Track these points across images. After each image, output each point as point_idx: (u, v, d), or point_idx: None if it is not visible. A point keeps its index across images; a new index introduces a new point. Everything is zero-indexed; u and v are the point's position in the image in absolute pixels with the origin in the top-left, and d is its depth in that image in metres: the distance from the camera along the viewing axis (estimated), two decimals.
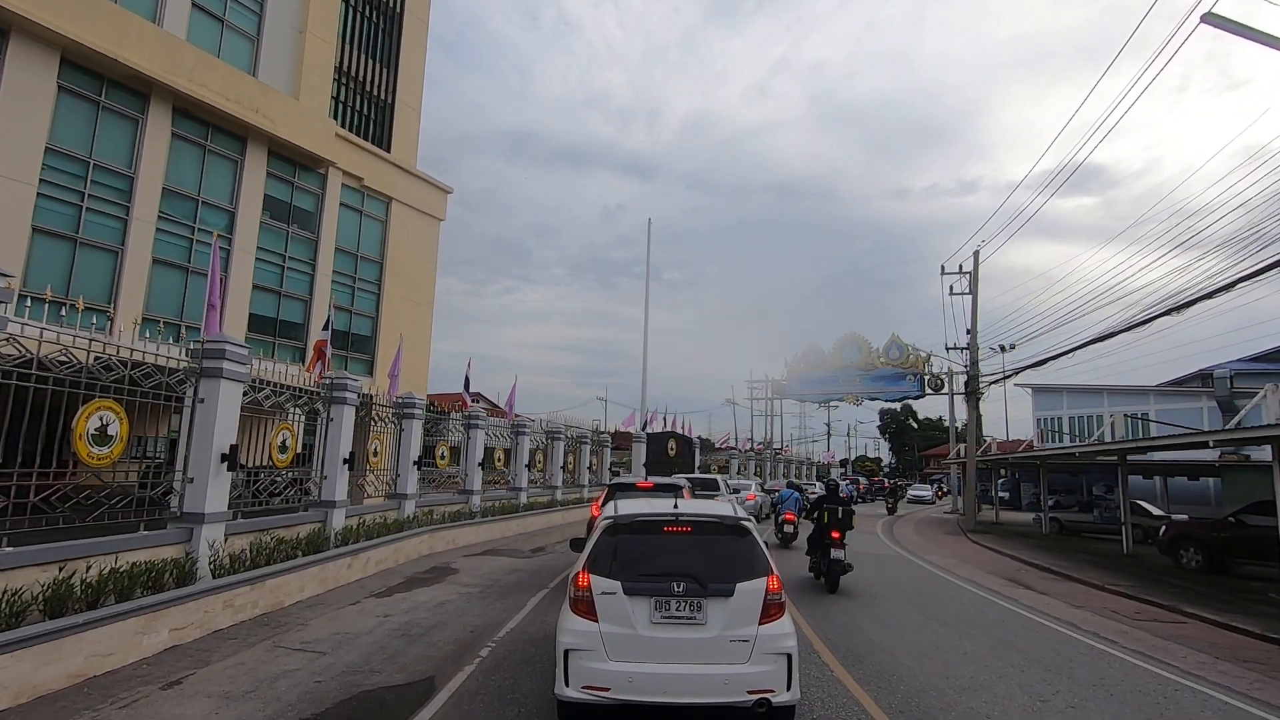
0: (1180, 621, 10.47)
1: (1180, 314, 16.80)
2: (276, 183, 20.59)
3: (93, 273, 16.26)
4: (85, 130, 16.28)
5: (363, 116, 24.58)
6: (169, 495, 7.84)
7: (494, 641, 7.60)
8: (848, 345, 50.07)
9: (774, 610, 4.98)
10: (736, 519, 5.55)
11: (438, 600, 9.69)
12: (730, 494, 19.66)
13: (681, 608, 4.87)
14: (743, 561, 5.19)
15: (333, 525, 10.92)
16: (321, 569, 9.82)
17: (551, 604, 9.60)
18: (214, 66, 18.50)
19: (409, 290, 24.96)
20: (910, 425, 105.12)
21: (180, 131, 18.12)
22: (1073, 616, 10.54)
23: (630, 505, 6.02)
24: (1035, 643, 8.59)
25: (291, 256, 20.99)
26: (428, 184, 26.16)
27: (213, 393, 8.04)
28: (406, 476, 13.91)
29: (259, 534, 9.10)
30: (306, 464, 11.18)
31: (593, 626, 4.84)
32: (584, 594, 4.96)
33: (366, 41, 24.70)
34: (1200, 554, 15.82)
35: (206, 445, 7.97)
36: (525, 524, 19.03)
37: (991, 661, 7.53)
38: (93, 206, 16.23)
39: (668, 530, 5.38)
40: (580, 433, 25.97)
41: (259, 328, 19.88)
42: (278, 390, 9.70)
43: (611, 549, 5.23)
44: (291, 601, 9.01)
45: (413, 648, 7.25)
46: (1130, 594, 12.50)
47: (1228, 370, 33.16)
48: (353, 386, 11.49)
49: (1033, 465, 30.20)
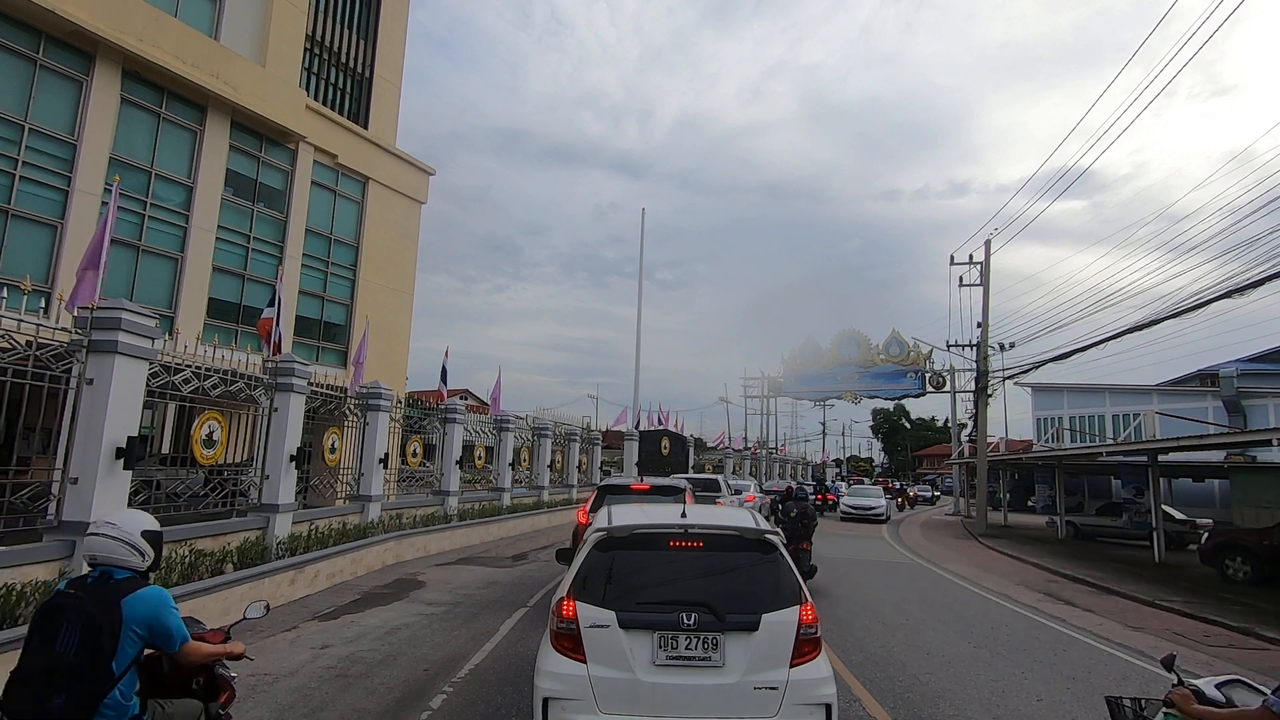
0: (1264, 648, 9.03)
1: (1195, 313, 15.95)
2: (240, 157, 18.93)
3: (29, 249, 14.60)
4: (20, 91, 14.60)
5: (338, 90, 22.94)
6: (44, 500, 6.25)
7: (452, 685, 6.05)
8: (846, 341, 48.77)
9: (808, 648, 3.94)
10: (760, 532, 4.31)
11: (392, 624, 8.13)
12: (732, 495, 18.20)
13: (693, 645, 3.85)
14: (768, 586, 4.09)
15: (275, 533, 9.34)
16: (254, 586, 8.24)
17: (531, 627, 8.07)
18: (170, 26, 16.82)
19: (387, 277, 23.34)
20: (903, 425, 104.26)
21: (130, 96, 16.44)
22: (1136, 641, 9.08)
23: (626, 513, 4.72)
24: (1114, 681, 7.10)
25: (257, 237, 19.34)
26: (408, 164, 24.53)
27: (104, 372, 6.46)
28: (371, 476, 12.34)
29: (173, 545, 7.51)
30: (249, 461, 9.63)
31: (580, 669, 3.83)
32: (569, 627, 3.92)
33: (342, 10, 23.04)
34: (1249, 564, 14.42)
35: (96, 437, 6.38)
36: (507, 528, 17.47)
37: (1080, 715, 6.04)
38: (28, 175, 14.56)
39: (674, 546, 4.21)
40: (569, 430, 24.43)
41: (219, 313, 18.23)
42: (201, 374, 8.11)
43: (604, 570, 4.13)
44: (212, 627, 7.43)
45: (345, 696, 5.69)
46: (1188, 612, 11.07)
47: (1234, 369, 32.28)
48: (301, 372, 9.90)
49: (1037, 466, 28.92)
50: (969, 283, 28.45)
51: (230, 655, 3.27)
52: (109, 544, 2.93)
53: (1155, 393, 36.23)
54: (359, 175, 22.52)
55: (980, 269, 27.72)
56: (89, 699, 2.68)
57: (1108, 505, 24.98)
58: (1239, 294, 14.17)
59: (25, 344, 6.09)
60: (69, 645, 2.69)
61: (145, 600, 2.87)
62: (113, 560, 2.94)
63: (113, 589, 2.84)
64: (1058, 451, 27.32)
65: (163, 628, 2.90)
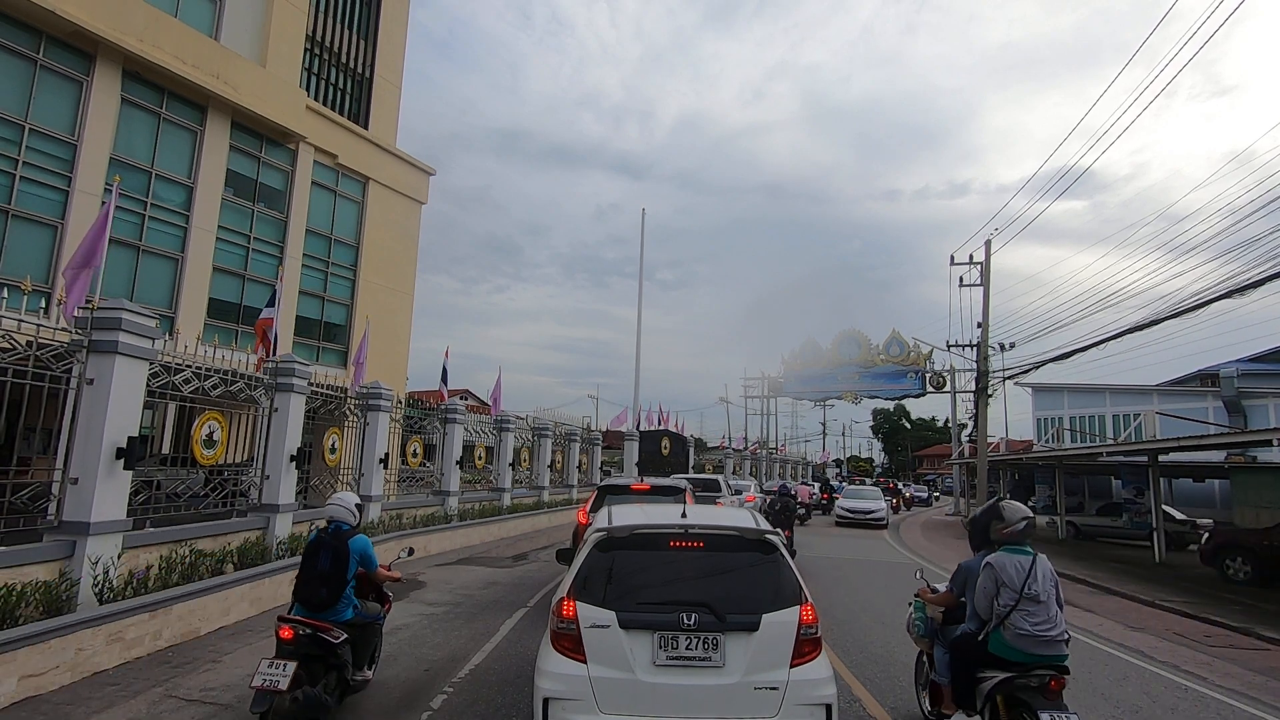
0: (1264, 648, 9.02)
1: (1196, 313, 15.97)
2: (241, 157, 18.93)
3: (29, 249, 14.60)
4: (21, 91, 14.60)
5: (338, 90, 22.94)
6: (44, 500, 6.25)
7: (452, 685, 6.06)
8: (846, 341, 48.73)
9: (808, 648, 3.95)
10: (760, 531, 4.32)
11: (393, 624, 8.11)
12: (732, 495, 18.20)
13: (693, 646, 3.86)
14: (768, 586, 4.12)
15: (276, 533, 9.34)
16: (255, 586, 8.26)
17: (531, 628, 8.07)
18: (170, 26, 16.83)
19: (387, 277, 23.33)
20: (903, 425, 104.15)
21: (131, 96, 16.45)
22: (1137, 642, 9.07)
23: (626, 513, 4.73)
24: (1114, 681, 7.11)
25: (257, 237, 19.34)
26: (408, 164, 24.52)
27: (105, 372, 6.45)
28: (371, 476, 12.34)
29: (173, 546, 7.51)
30: (250, 462, 9.63)
31: (580, 669, 3.84)
32: (569, 627, 3.92)
33: (342, 10, 23.04)
34: (1249, 564, 14.41)
35: (96, 437, 6.38)
36: (507, 528, 17.47)
37: (1081, 715, 6.02)
38: (28, 175, 14.56)
39: (674, 546, 4.22)
40: (569, 430, 24.42)
41: (219, 313, 18.22)
42: (201, 374, 8.11)
43: (604, 570, 4.13)
44: (211, 629, 7.44)
45: (345, 696, 5.68)
46: (1188, 612, 11.06)
47: (1234, 369, 32.29)
48: (301, 372, 9.89)
49: (1037, 466, 28.87)
50: (969, 283, 28.42)
51: (394, 580, 5.66)
52: (339, 510, 5.24)
53: (1155, 393, 36.20)
54: (359, 175, 22.52)
55: (980, 269, 27.69)
56: (336, 592, 4.91)
57: (1108, 505, 24.91)
58: (1239, 294, 14.17)
59: (25, 344, 6.09)
60: (325, 564, 4.93)
61: (359, 541, 5.20)
62: (340, 518, 5.21)
63: (344, 534, 5.10)
64: (1058, 451, 27.28)
65: (367, 558, 5.26)
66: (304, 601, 4.88)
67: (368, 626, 5.37)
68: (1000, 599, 4.27)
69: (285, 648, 4.64)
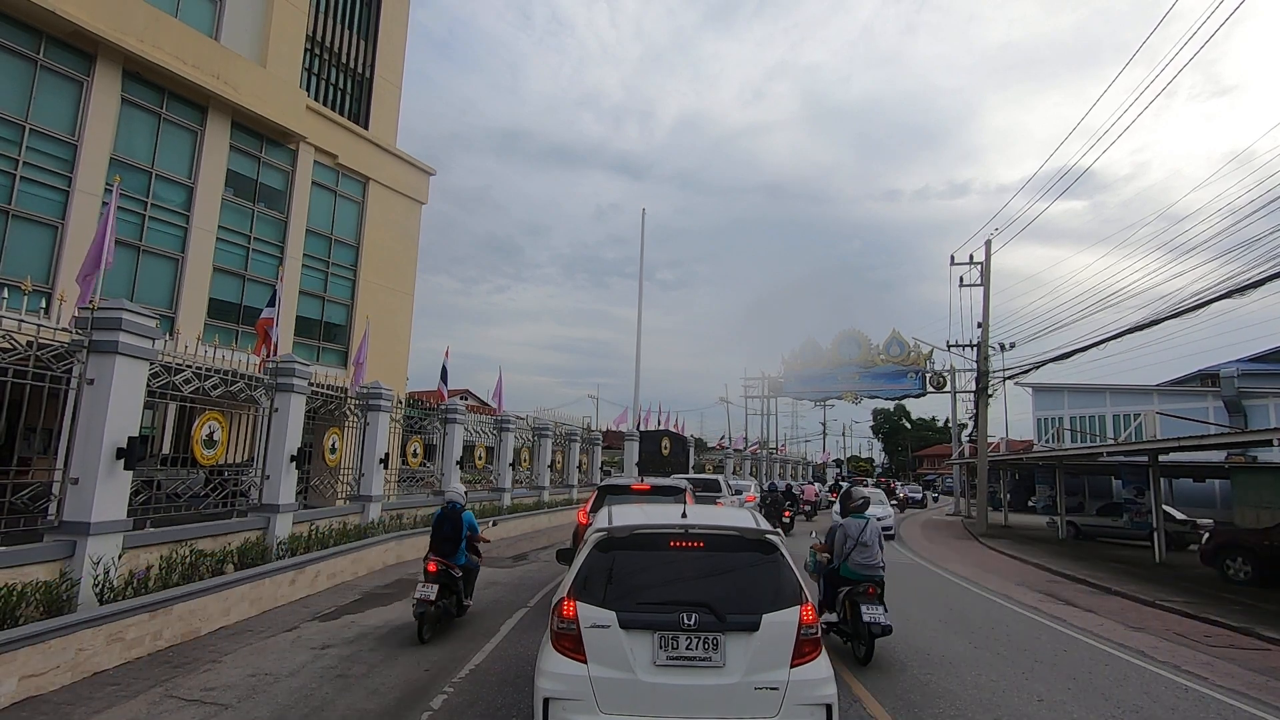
0: (1264, 649, 9.00)
1: (1196, 313, 15.97)
2: (241, 157, 18.93)
3: (29, 249, 14.59)
4: (21, 91, 14.60)
5: (338, 91, 22.93)
6: (45, 501, 6.24)
7: (453, 684, 6.05)
8: (846, 341, 48.71)
9: (808, 648, 3.96)
10: (761, 532, 4.31)
11: (394, 624, 8.13)
12: (732, 495, 18.20)
13: (693, 646, 3.86)
14: (768, 586, 4.09)
15: (276, 533, 9.34)
16: (255, 586, 8.25)
17: (531, 628, 8.07)
18: (170, 26, 16.82)
19: (387, 277, 23.33)
20: (904, 425, 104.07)
21: (131, 96, 16.44)
22: (1137, 642, 9.06)
23: (626, 513, 4.74)
24: (1115, 681, 7.10)
25: (257, 237, 19.34)
26: (408, 164, 24.52)
27: (105, 372, 6.46)
28: (371, 476, 12.33)
29: (174, 546, 7.51)
30: (250, 462, 9.62)
31: (580, 669, 3.84)
32: (569, 627, 3.93)
33: (342, 10, 23.03)
34: (1250, 564, 14.39)
35: (96, 437, 6.38)
36: (508, 528, 17.46)
37: (1081, 715, 6.03)
38: (29, 175, 14.55)
39: (674, 546, 4.21)
40: (569, 430, 24.41)
41: (219, 313, 18.22)
42: (202, 374, 8.11)
43: (604, 570, 4.13)
44: (211, 629, 7.44)
45: (345, 696, 5.69)
46: (1188, 612, 11.05)
47: (1234, 370, 32.29)
48: (301, 372, 9.89)
49: (1038, 466, 28.85)
50: (969, 283, 28.40)
51: (485, 541, 8.67)
52: (456, 495, 7.99)
53: (1156, 393, 36.19)
54: (359, 175, 22.51)
55: (980, 269, 27.69)
56: (456, 548, 7.70)
57: (1108, 505, 24.90)
58: (1239, 294, 14.17)
59: (26, 344, 6.09)
60: (448, 529, 7.72)
61: (468, 515, 8.05)
62: (456, 499, 7.93)
63: (459, 510, 7.90)
64: (1058, 452, 27.26)
65: (472, 526, 8.07)
66: (437, 551, 7.59)
67: (471, 570, 8.19)
68: (846, 546, 7.39)
69: (430, 576, 7.39)
